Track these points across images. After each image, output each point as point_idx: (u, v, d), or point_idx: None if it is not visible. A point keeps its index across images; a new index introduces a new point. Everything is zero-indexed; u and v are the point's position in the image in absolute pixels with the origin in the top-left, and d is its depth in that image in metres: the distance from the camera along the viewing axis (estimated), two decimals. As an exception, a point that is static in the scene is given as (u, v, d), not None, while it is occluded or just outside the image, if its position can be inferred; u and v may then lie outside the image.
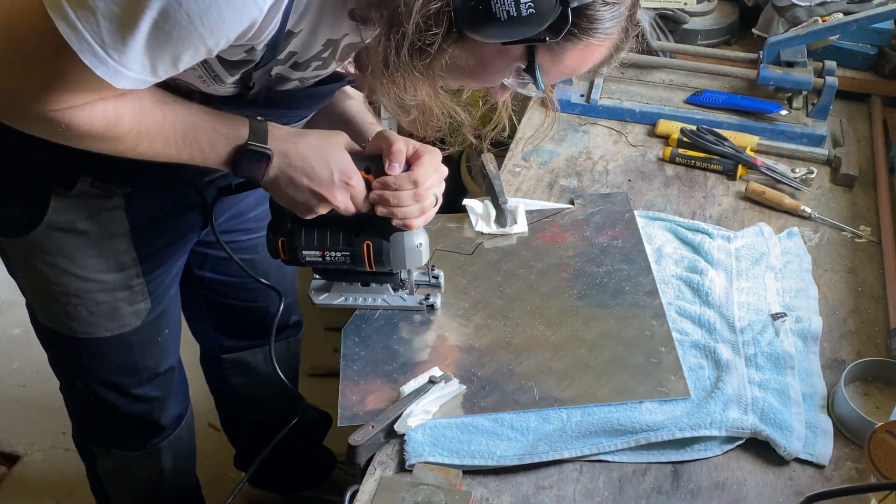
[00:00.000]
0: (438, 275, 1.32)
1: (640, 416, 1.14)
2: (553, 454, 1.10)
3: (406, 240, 1.21)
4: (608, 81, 1.88)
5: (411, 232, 1.20)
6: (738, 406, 1.15)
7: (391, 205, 1.13)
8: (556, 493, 1.08)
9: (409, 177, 1.12)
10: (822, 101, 1.73)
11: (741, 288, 1.37)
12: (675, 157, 1.68)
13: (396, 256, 1.22)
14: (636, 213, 1.53)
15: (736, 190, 1.62)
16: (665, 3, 1.97)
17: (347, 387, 1.20)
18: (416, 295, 1.32)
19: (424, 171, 1.13)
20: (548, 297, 1.34)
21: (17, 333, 2.60)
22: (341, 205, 1.12)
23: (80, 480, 2.16)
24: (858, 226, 1.53)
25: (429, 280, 1.31)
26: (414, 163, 1.13)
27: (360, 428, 1.11)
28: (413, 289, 1.31)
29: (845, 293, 1.40)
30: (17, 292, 1.41)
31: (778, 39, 1.76)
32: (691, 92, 1.84)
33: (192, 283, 1.53)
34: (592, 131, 1.79)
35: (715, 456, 1.12)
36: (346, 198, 1.12)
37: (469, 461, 1.09)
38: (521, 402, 1.16)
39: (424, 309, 1.31)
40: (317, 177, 1.08)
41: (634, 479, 1.10)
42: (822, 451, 1.12)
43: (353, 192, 1.12)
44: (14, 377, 2.46)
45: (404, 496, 1.02)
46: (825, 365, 1.25)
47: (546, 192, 1.61)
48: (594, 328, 1.28)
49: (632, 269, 1.39)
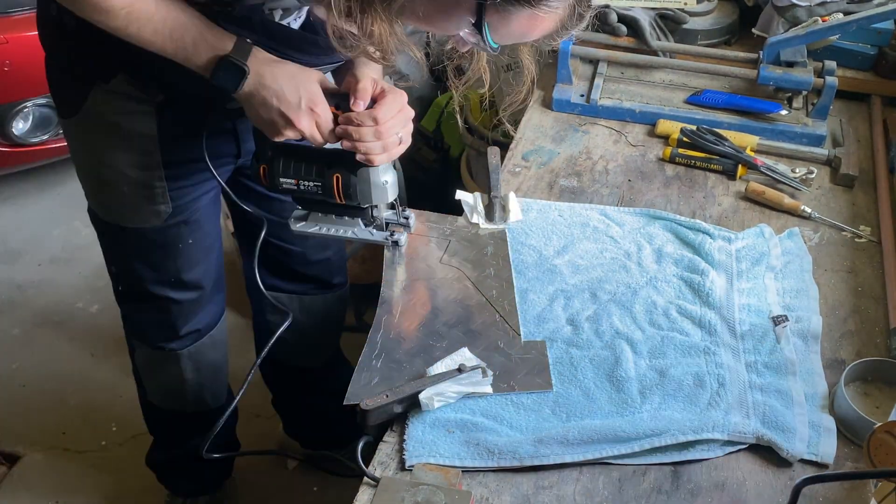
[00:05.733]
0: (409, 216, 1.42)
1: (642, 422, 1.14)
2: (555, 458, 1.10)
3: (372, 175, 1.28)
4: (608, 81, 1.88)
5: (377, 168, 1.28)
6: (740, 410, 1.15)
7: (353, 139, 1.21)
8: (556, 493, 1.08)
9: (371, 114, 1.20)
10: (822, 101, 1.73)
11: (742, 289, 1.37)
12: (675, 157, 1.68)
13: (363, 191, 1.30)
14: (636, 211, 1.53)
15: (736, 190, 1.62)
16: (665, 3, 1.97)
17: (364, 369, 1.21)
18: (384, 231, 1.40)
19: (386, 110, 1.21)
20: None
21: (17, 333, 2.60)
22: (306, 130, 1.20)
23: (80, 480, 2.18)
24: (858, 226, 1.53)
25: (398, 219, 1.41)
26: (378, 101, 1.21)
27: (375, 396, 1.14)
28: (383, 225, 1.40)
29: (845, 293, 1.40)
30: (17, 292, 1.43)
31: (778, 39, 1.76)
32: (691, 92, 1.84)
33: (238, 213, 1.66)
34: (592, 131, 1.79)
35: (716, 457, 1.12)
36: (311, 124, 1.20)
37: (469, 461, 1.09)
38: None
39: (390, 244, 1.40)
40: (285, 99, 1.17)
41: (634, 479, 1.10)
42: (826, 451, 1.12)
43: (318, 120, 1.20)
44: (14, 377, 2.46)
45: (404, 496, 1.02)
46: (825, 365, 1.25)
47: (546, 191, 1.61)
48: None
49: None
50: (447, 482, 1.05)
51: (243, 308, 2.14)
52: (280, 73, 1.18)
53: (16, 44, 2.66)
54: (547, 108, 1.85)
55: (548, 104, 1.85)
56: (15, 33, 2.65)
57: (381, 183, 1.29)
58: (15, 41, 2.65)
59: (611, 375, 1.22)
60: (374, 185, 1.29)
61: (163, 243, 1.50)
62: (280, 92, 1.17)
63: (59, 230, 3.03)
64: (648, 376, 1.22)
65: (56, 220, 3.06)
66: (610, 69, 1.91)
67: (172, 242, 1.50)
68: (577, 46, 1.85)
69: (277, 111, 1.18)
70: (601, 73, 1.88)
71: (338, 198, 1.31)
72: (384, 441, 1.14)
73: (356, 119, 1.20)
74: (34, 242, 2.97)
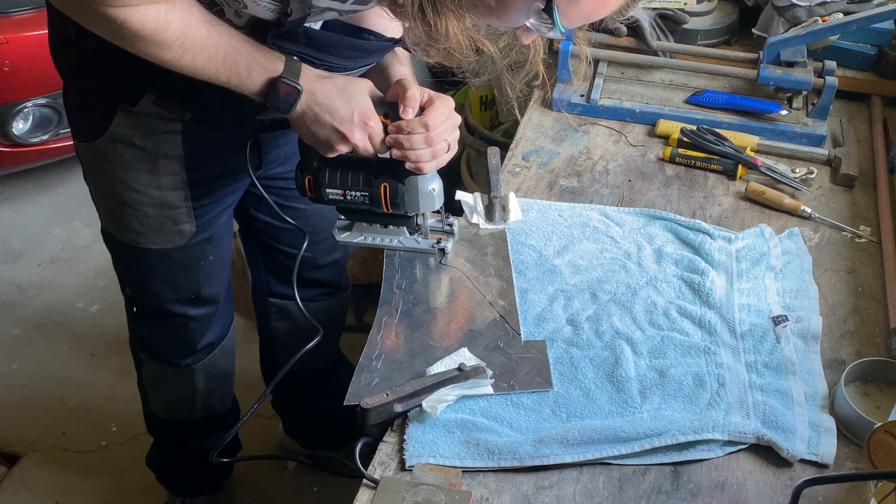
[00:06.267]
0: (453, 222, 1.42)
1: (642, 422, 1.14)
2: (555, 458, 1.10)
3: (420, 184, 1.28)
4: (608, 81, 1.88)
5: (425, 177, 1.27)
6: (740, 410, 1.15)
7: (404, 147, 1.20)
8: (556, 493, 1.08)
9: (421, 121, 1.19)
10: (822, 101, 1.73)
11: (742, 289, 1.37)
12: (675, 157, 1.68)
13: (411, 199, 1.29)
14: (636, 211, 1.54)
15: (736, 190, 1.62)
16: (665, 3, 1.97)
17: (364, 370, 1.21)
18: (430, 239, 1.39)
19: (436, 117, 1.20)
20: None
21: (17, 333, 2.60)
22: (360, 143, 1.19)
23: (80, 480, 2.18)
24: (858, 226, 1.53)
25: (443, 227, 1.41)
26: (427, 108, 1.20)
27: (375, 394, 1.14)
28: (427, 233, 1.39)
29: (845, 293, 1.40)
30: (17, 292, 1.43)
31: (778, 39, 1.76)
32: (691, 92, 1.84)
33: (248, 222, 1.67)
34: (592, 131, 1.79)
35: (716, 457, 1.12)
36: (364, 137, 1.19)
37: (469, 461, 1.09)
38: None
39: (436, 252, 1.39)
40: (338, 115, 1.17)
41: (634, 479, 1.10)
42: (827, 451, 1.12)
43: (370, 133, 1.19)
44: (14, 377, 2.47)
45: (404, 496, 1.02)
46: (825, 365, 1.25)
47: (546, 191, 1.61)
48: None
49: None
50: (447, 482, 1.05)
51: (242, 308, 2.14)
52: (331, 88, 1.17)
53: (16, 44, 2.66)
54: (547, 108, 1.85)
55: (548, 104, 1.85)
56: (15, 33, 2.65)
57: (428, 191, 1.29)
58: (15, 41, 2.65)
59: (611, 375, 1.22)
60: (421, 194, 1.29)
61: (185, 262, 1.50)
62: (333, 108, 1.17)
63: (59, 230, 3.03)
64: (648, 376, 1.22)
65: (56, 220, 3.07)
66: (610, 69, 1.91)
67: (195, 261, 1.51)
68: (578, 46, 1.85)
69: (331, 127, 1.17)
70: (601, 73, 1.88)
71: (385, 207, 1.30)
72: (384, 441, 1.14)
73: (406, 127, 1.19)
74: (34, 242, 2.97)
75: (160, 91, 1.25)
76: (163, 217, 1.41)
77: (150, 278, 1.51)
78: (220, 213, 1.49)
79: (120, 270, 1.58)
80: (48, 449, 2.26)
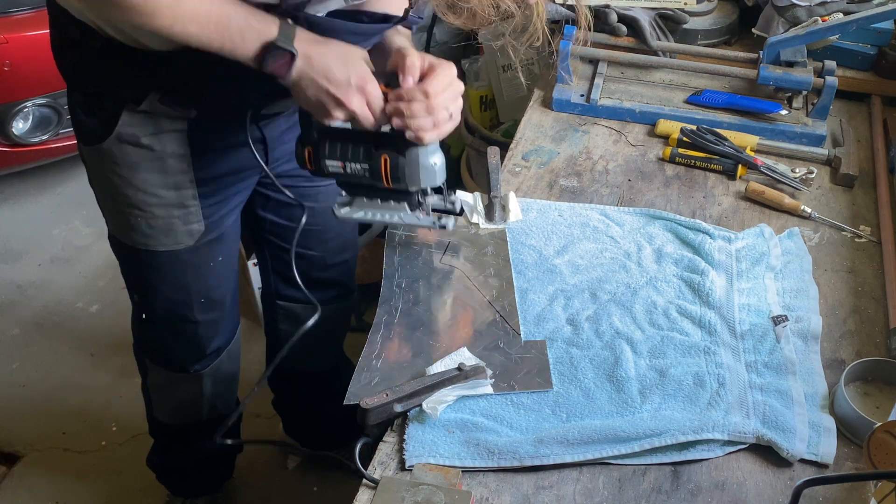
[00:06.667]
0: (455, 200, 1.37)
1: (642, 422, 1.14)
2: (555, 458, 1.10)
3: (421, 156, 1.23)
4: (608, 81, 1.88)
5: (426, 150, 1.22)
6: (740, 410, 1.15)
7: (404, 115, 1.16)
8: (556, 493, 1.08)
9: (421, 88, 1.15)
10: (822, 101, 1.73)
11: (741, 289, 1.37)
12: (675, 156, 1.68)
13: (412, 173, 1.24)
14: (636, 211, 1.53)
15: (736, 190, 1.62)
16: (665, 3, 1.97)
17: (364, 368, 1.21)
18: (431, 216, 1.35)
19: (436, 84, 1.16)
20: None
21: (16, 333, 2.60)
22: (357, 109, 1.15)
23: (80, 480, 2.18)
24: (858, 226, 1.53)
25: (444, 205, 1.36)
26: (428, 76, 1.16)
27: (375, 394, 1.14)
28: (430, 210, 1.35)
29: (845, 293, 1.40)
30: (17, 292, 1.43)
31: (778, 39, 1.76)
32: (691, 92, 1.84)
33: (255, 223, 1.64)
34: (592, 131, 1.79)
35: (716, 457, 1.12)
36: (361, 103, 1.15)
37: (469, 461, 1.09)
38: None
39: (437, 227, 1.35)
40: (335, 79, 1.13)
41: (634, 479, 1.10)
42: (827, 451, 1.12)
43: (368, 99, 1.16)
44: (14, 377, 2.47)
45: (404, 496, 1.02)
46: (825, 365, 1.25)
47: (546, 191, 1.61)
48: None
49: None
50: (447, 482, 1.05)
51: (242, 308, 2.14)
52: (327, 52, 1.14)
53: (16, 44, 2.66)
54: (547, 108, 1.85)
55: (548, 104, 1.85)
56: (15, 33, 2.66)
57: (429, 164, 1.23)
58: (15, 41, 2.65)
59: (611, 375, 1.22)
60: (422, 167, 1.23)
61: (195, 263, 1.48)
62: (329, 72, 1.13)
63: (59, 230, 3.03)
64: (648, 376, 1.22)
65: (56, 220, 3.07)
66: (610, 69, 1.91)
67: (204, 262, 1.49)
68: (577, 46, 1.85)
69: (326, 91, 1.14)
70: (601, 73, 1.88)
71: (385, 181, 1.25)
72: (384, 441, 1.14)
73: (407, 95, 1.15)
74: (34, 242, 2.97)
75: (165, 89, 1.24)
76: (172, 217, 1.40)
77: (160, 282, 1.49)
78: (228, 213, 1.48)
79: (128, 276, 1.56)
80: (48, 449, 2.26)
